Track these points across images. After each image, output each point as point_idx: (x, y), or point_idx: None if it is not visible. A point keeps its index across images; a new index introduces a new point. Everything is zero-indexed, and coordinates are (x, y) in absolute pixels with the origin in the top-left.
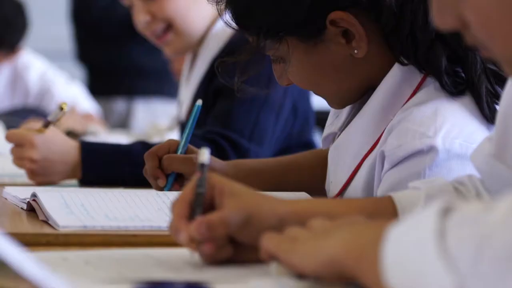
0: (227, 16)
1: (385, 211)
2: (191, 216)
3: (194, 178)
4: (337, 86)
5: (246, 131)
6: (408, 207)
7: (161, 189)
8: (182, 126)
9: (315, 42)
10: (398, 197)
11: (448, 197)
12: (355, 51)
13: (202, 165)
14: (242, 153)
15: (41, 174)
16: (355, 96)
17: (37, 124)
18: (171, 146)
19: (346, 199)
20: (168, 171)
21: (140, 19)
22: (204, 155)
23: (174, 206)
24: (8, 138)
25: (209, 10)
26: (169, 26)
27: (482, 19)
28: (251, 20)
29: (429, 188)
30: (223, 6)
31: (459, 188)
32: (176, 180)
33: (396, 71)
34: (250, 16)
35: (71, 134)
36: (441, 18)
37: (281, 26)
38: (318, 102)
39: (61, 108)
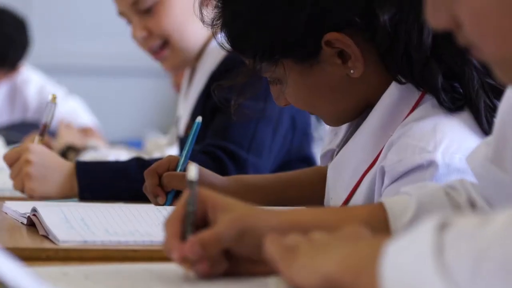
0: (222, 38)
1: (378, 219)
2: (183, 235)
3: (184, 195)
4: (334, 107)
5: (244, 143)
6: (399, 214)
7: (161, 206)
8: (181, 141)
9: (311, 64)
10: (389, 203)
11: (444, 211)
12: (351, 71)
13: (191, 182)
14: (240, 164)
15: (37, 179)
16: (352, 115)
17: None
18: (171, 163)
19: (339, 207)
20: (168, 188)
21: (137, 35)
22: (192, 171)
23: (166, 225)
24: (5, 159)
25: None
26: (166, 43)
27: (475, 19)
28: (247, 43)
29: (420, 194)
30: (217, 29)
31: (450, 193)
32: (176, 197)
33: (393, 89)
34: (246, 39)
35: (71, 149)
36: (434, 17)
37: (277, 49)
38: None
39: (53, 99)
